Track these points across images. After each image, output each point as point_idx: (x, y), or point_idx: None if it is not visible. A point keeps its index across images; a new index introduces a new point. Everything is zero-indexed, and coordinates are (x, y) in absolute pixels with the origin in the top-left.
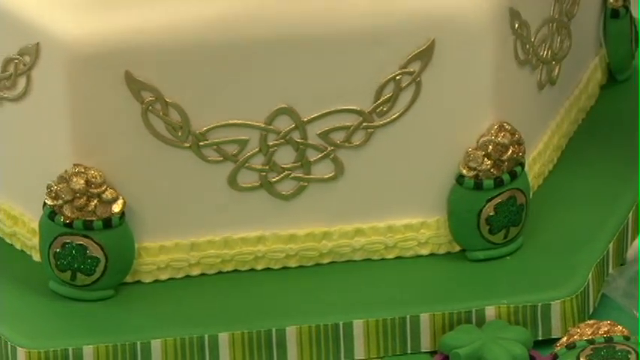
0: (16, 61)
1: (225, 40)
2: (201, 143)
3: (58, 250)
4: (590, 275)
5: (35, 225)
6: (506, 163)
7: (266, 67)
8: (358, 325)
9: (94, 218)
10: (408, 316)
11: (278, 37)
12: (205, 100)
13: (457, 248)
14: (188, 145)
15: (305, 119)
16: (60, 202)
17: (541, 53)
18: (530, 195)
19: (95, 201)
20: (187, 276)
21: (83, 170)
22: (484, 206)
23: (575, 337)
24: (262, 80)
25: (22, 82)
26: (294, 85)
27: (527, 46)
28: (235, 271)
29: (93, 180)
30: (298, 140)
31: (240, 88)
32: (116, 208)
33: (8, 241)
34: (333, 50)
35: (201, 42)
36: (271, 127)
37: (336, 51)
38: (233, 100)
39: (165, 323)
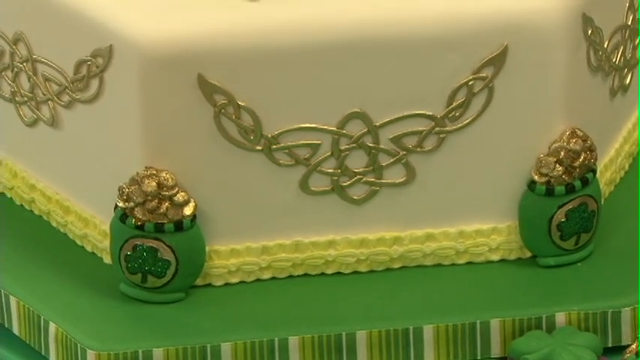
0: (89, 62)
1: (299, 44)
2: (274, 147)
3: (129, 252)
4: None
5: (106, 227)
6: (577, 170)
7: (339, 71)
8: (428, 330)
9: (165, 221)
10: (478, 322)
11: (351, 41)
12: (278, 103)
13: (528, 254)
14: (260, 148)
15: (377, 124)
16: (131, 204)
17: (613, 60)
18: (602, 201)
19: (167, 203)
20: (258, 279)
21: (155, 173)
22: (555, 212)
23: None
24: (335, 84)
25: (94, 84)
26: (366, 90)
27: (600, 53)
28: (306, 275)
29: (165, 182)
30: (370, 145)
31: (312, 91)
32: (187, 210)
33: (79, 243)
34: (406, 55)
35: (274, 45)
36: (344, 131)
37: (409, 56)
38: (305, 104)
39: (235, 326)
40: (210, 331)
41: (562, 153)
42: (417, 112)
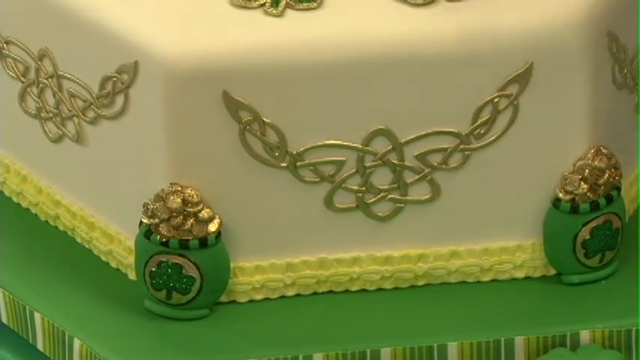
0: (114, 79)
1: (324, 60)
2: (298, 163)
3: (153, 268)
4: None
5: (131, 243)
6: (602, 187)
7: (364, 87)
8: (452, 347)
9: (190, 237)
10: (502, 339)
11: (376, 58)
12: (303, 120)
13: (552, 272)
14: (285, 165)
15: (402, 141)
16: (156, 220)
17: (639, 77)
18: (626, 219)
19: (191, 220)
20: (282, 296)
21: (180, 189)
22: (580, 230)
23: None
24: (360, 101)
25: (119, 101)
26: (391, 107)
27: (625, 70)
28: (330, 292)
29: (189, 199)
30: (395, 162)
31: (337, 108)
32: (212, 227)
33: (104, 259)
34: (431, 72)
35: (299, 62)
36: (369, 148)
37: (434, 73)
38: (331, 121)
39: (259, 343)
40: (234, 347)
41: (587, 170)
42: (442, 129)
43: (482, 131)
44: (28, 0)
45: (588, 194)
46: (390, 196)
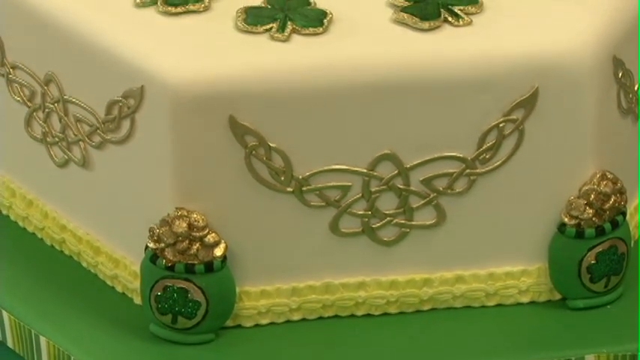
0: (121, 103)
1: (329, 86)
2: (304, 188)
3: (159, 293)
4: None
5: (137, 268)
6: (607, 212)
7: (370, 113)
8: None
9: (195, 262)
10: None
11: (382, 83)
12: (309, 145)
13: (558, 296)
14: (291, 190)
15: (408, 166)
16: (162, 245)
17: None
18: (632, 244)
19: (197, 244)
20: (288, 321)
21: (186, 214)
22: (585, 255)
23: None
24: (366, 126)
25: (125, 125)
26: (397, 132)
27: (631, 96)
28: (336, 316)
29: (195, 223)
30: (401, 186)
31: (343, 133)
32: (218, 252)
33: (109, 283)
34: (437, 97)
35: (305, 87)
36: (374, 173)
37: (440, 98)
38: (336, 146)
39: None
40: None
41: (592, 195)
42: (448, 154)
43: (487, 156)
44: (34, 25)
45: (594, 219)
46: (395, 220)
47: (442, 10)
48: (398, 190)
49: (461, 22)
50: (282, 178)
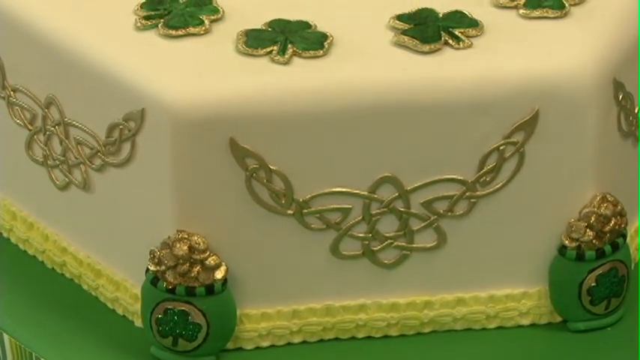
0: (121, 126)
1: (330, 108)
2: (305, 211)
3: (160, 315)
4: None
5: (137, 291)
6: (608, 235)
7: (370, 136)
8: None
9: (196, 284)
10: None
11: (382, 105)
12: (309, 168)
13: (558, 319)
14: (291, 212)
15: (408, 188)
16: (163, 267)
17: None
18: (632, 266)
19: (198, 267)
20: (289, 343)
21: (186, 236)
22: (586, 277)
23: None
24: (366, 149)
25: (126, 148)
26: (397, 154)
27: (631, 118)
28: (336, 339)
29: (196, 246)
30: (401, 209)
31: (344, 156)
32: (219, 274)
33: (110, 306)
34: (438, 120)
35: (305, 109)
36: (375, 195)
37: (441, 121)
38: (337, 169)
39: None
40: None
41: (593, 218)
42: (448, 176)
43: (488, 179)
44: (35, 48)
45: (594, 241)
46: (396, 243)
47: (443, 32)
48: (398, 212)
49: (461, 45)
50: (283, 201)
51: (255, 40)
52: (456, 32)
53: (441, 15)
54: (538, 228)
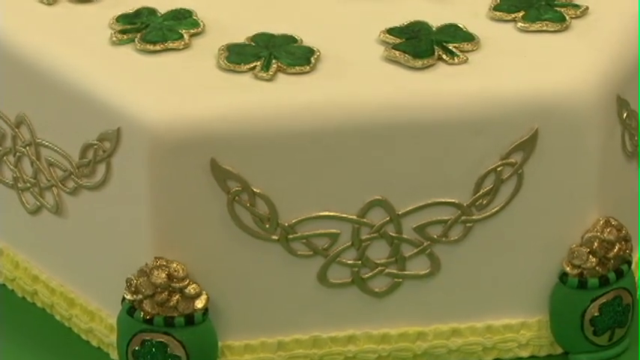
0: (96, 147)
1: (316, 128)
2: (290, 236)
3: (137, 347)
4: None
5: (113, 321)
6: (612, 261)
7: (359, 156)
8: None
9: (175, 314)
10: None
11: (372, 124)
12: (295, 190)
13: (559, 350)
14: (276, 238)
15: (400, 212)
16: (140, 296)
17: None
18: (637, 295)
19: (177, 296)
20: None
21: (165, 263)
22: (588, 306)
23: None
24: (355, 170)
25: (101, 170)
26: (388, 176)
27: (636, 138)
28: None
29: (175, 274)
30: (393, 234)
31: (331, 178)
32: (199, 303)
33: (84, 337)
34: (431, 140)
35: (290, 129)
36: (364, 220)
37: (434, 140)
38: (324, 191)
39: None
40: None
41: (595, 243)
42: (442, 200)
43: (484, 202)
44: (4, 63)
45: (597, 268)
46: (387, 270)
47: (436, 47)
48: (390, 238)
49: (456, 60)
50: (267, 226)
51: (237, 56)
52: (451, 47)
53: (434, 28)
54: (538, 254)
